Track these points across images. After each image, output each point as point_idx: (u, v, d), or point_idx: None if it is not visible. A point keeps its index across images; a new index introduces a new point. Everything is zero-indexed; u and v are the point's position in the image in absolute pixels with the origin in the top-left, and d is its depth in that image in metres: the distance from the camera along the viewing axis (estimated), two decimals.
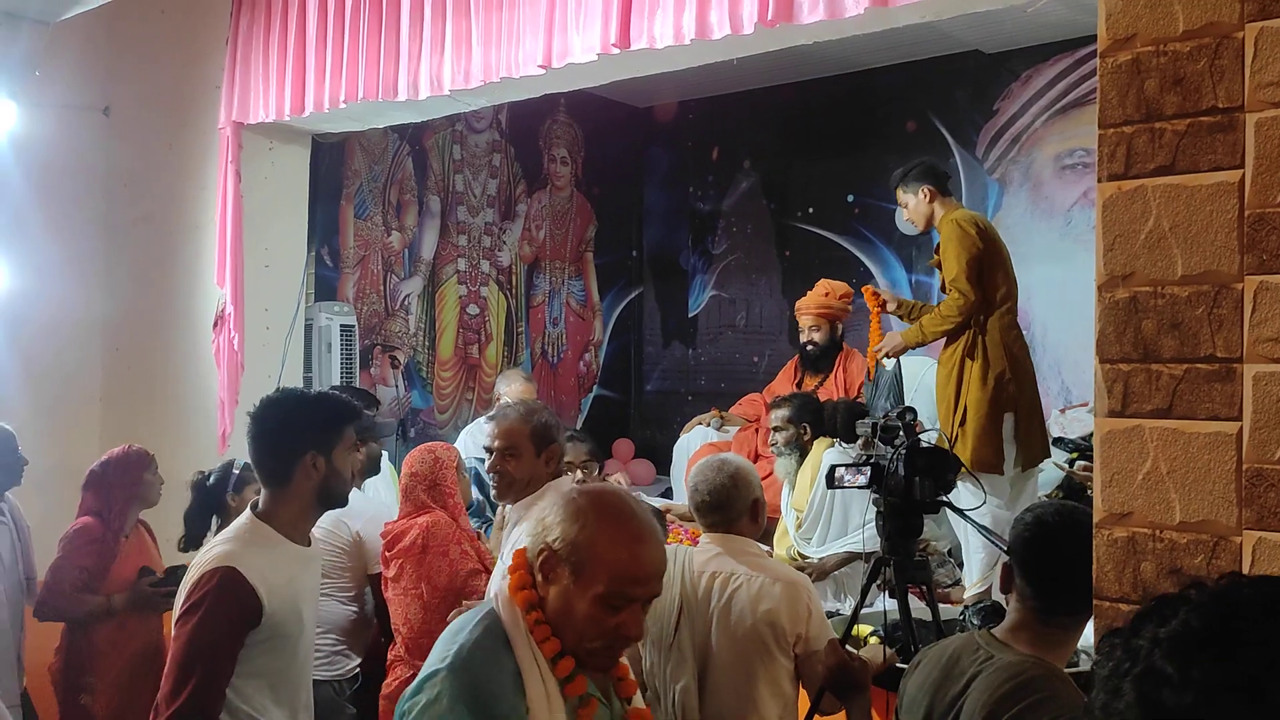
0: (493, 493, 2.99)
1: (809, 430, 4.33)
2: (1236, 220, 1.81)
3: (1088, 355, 1.97)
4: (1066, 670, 1.96)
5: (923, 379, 4.82)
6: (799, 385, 5.19)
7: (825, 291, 5.43)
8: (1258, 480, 1.79)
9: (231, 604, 2.27)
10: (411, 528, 3.41)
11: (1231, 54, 1.83)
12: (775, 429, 4.41)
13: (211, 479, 3.78)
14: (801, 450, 4.34)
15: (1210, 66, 1.84)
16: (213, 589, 2.27)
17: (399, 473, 4.38)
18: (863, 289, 4.79)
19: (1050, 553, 1.98)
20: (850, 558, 3.99)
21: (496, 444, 2.87)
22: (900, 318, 4.69)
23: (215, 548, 2.39)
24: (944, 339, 4.24)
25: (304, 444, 2.41)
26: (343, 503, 2.55)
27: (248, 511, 2.48)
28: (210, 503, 3.74)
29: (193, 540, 3.70)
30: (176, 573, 3.38)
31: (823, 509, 4.25)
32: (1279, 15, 1.79)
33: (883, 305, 4.59)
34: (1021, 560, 2.01)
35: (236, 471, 3.76)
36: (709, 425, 5.75)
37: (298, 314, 5.56)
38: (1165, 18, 1.89)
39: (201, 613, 2.27)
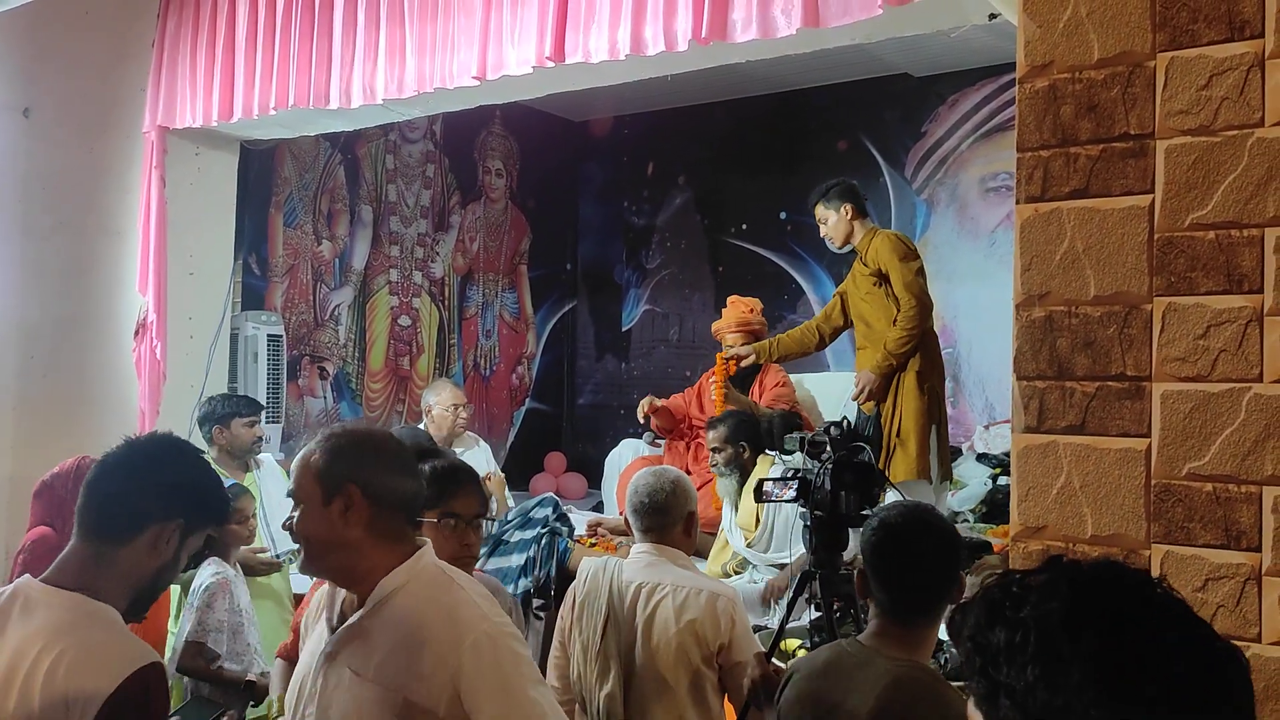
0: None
1: (747, 449, 4.30)
2: (1146, 243, 1.88)
3: (1010, 373, 2.02)
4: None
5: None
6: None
7: (750, 308, 5.29)
8: (1165, 495, 1.85)
9: (165, 715, 1.74)
10: None
11: (1143, 82, 1.90)
12: (714, 449, 4.37)
13: None
14: (742, 469, 4.30)
15: (1123, 94, 1.91)
16: (151, 697, 1.69)
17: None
18: (718, 356, 4.82)
19: (897, 555, 2.01)
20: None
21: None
22: (766, 361, 4.77)
23: (108, 646, 1.70)
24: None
25: (178, 509, 1.83)
26: (141, 613, 1.87)
27: (57, 592, 1.74)
28: None
29: (192, 562, 3.54)
30: None
31: (774, 522, 4.22)
32: (1189, 46, 1.86)
33: (737, 362, 4.68)
34: (872, 566, 2.04)
35: None
36: (642, 437, 5.71)
37: (223, 323, 5.45)
38: (1081, 46, 1.95)
39: None
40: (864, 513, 3.09)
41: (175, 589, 3.65)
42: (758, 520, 4.14)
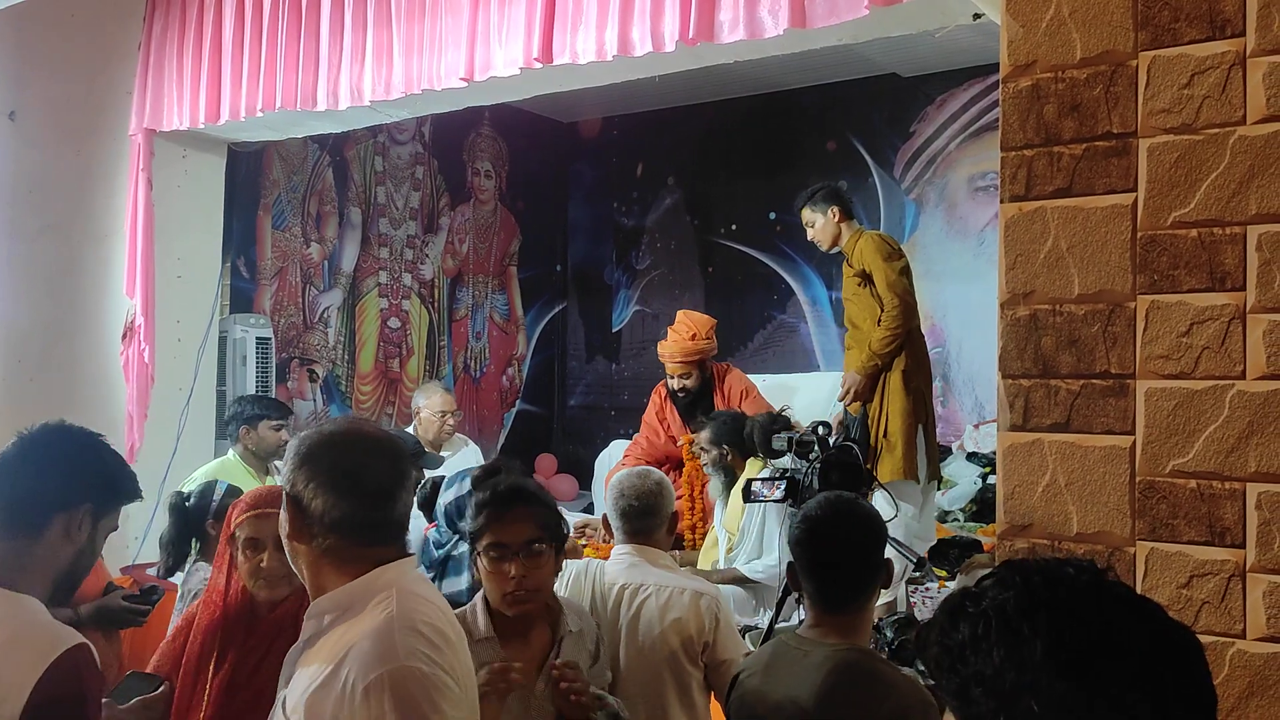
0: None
1: (730, 452, 4.31)
2: (1130, 241, 1.88)
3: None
4: None
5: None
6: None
7: (691, 334, 5.04)
8: (1150, 492, 1.85)
9: (99, 695, 1.76)
10: None
11: (1126, 81, 1.90)
12: (702, 449, 4.40)
13: (191, 501, 3.50)
14: (725, 471, 4.32)
15: (1106, 93, 1.92)
16: (83, 675, 1.69)
17: None
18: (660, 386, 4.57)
19: (820, 546, 2.05)
20: (737, 579, 3.99)
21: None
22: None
23: (32, 632, 1.71)
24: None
25: (82, 494, 1.85)
26: (66, 598, 1.91)
27: None
28: (189, 527, 3.48)
29: (174, 568, 3.53)
30: (150, 593, 3.21)
31: (753, 528, 4.24)
32: (1171, 45, 1.87)
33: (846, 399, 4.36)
34: (798, 559, 2.08)
35: (216, 499, 3.45)
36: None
37: (211, 326, 5.43)
38: (1064, 45, 1.96)
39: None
40: None
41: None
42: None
